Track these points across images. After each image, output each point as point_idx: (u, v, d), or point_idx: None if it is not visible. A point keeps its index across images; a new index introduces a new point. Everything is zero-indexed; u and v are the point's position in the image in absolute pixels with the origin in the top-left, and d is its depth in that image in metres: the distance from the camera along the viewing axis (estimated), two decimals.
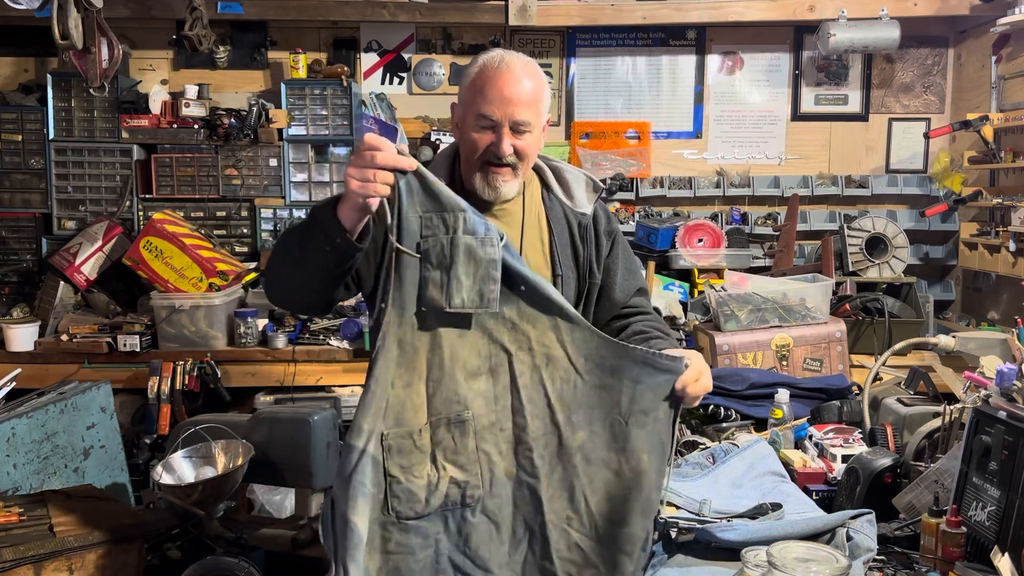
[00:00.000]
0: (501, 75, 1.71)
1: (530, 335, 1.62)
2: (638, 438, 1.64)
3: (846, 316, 3.75)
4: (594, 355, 1.64)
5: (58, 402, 3.14)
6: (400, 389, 1.58)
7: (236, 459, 2.81)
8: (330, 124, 4.38)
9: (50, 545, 2.32)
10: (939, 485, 1.87)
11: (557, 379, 1.63)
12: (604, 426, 1.64)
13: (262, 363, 3.90)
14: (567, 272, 1.84)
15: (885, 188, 4.64)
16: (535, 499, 1.62)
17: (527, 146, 1.75)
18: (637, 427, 1.64)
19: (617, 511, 1.64)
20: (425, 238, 1.56)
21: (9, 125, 4.32)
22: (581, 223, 1.87)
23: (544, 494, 1.62)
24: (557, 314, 1.63)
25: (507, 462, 1.62)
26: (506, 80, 1.70)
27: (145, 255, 3.95)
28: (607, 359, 1.64)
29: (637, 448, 1.64)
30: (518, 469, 1.62)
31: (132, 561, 2.45)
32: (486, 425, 1.60)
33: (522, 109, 1.71)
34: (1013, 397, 1.78)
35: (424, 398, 1.59)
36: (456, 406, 1.59)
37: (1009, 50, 4.20)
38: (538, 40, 4.73)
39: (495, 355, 1.61)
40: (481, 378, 1.61)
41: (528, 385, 1.61)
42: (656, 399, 1.64)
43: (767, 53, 4.74)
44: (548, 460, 1.62)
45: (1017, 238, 3.84)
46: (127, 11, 4.25)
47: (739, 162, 4.77)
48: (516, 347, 1.61)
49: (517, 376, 1.61)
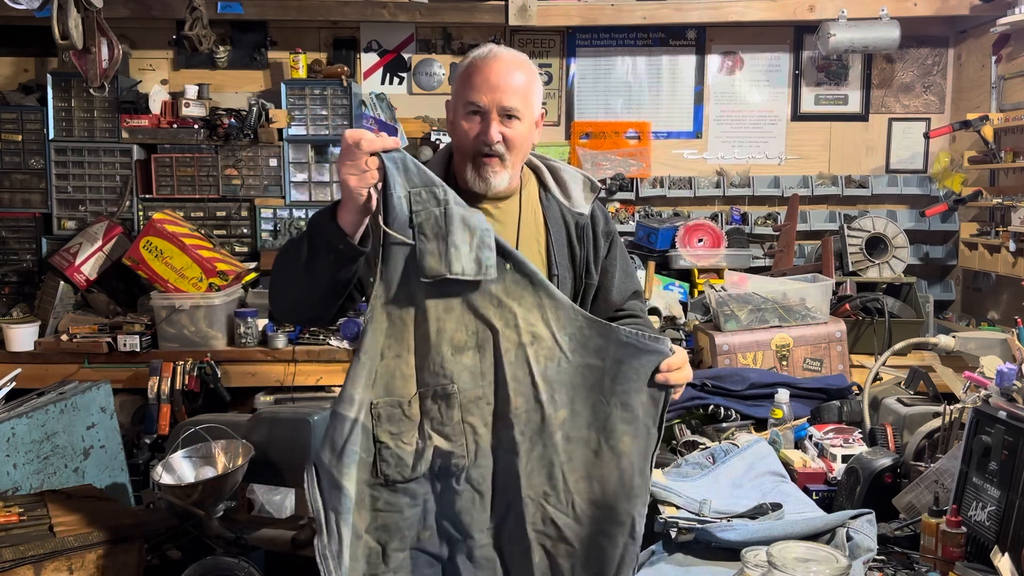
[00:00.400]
0: (489, 64, 1.74)
1: (516, 312, 1.63)
2: (620, 419, 1.66)
3: (846, 316, 3.75)
4: (578, 334, 1.66)
5: (58, 402, 3.14)
6: (390, 359, 1.61)
7: (236, 459, 2.81)
8: (330, 124, 4.38)
9: (50, 545, 2.32)
10: (939, 485, 1.88)
11: (542, 357, 1.64)
12: (586, 405, 1.66)
13: (262, 363, 3.90)
14: (563, 272, 1.84)
15: (885, 188, 4.64)
16: (514, 473, 1.65)
17: (516, 135, 1.74)
18: (619, 408, 1.66)
19: (596, 491, 1.67)
20: (416, 212, 1.57)
21: (9, 125, 4.32)
22: (579, 223, 1.87)
23: (523, 469, 1.64)
24: (542, 292, 1.65)
25: (491, 435, 1.65)
26: (493, 68, 1.73)
27: (145, 255, 3.95)
28: (591, 339, 1.66)
29: (618, 429, 1.66)
30: (500, 443, 1.65)
31: (132, 561, 2.45)
32: (472, 399, 1.63)
33: (510, 95, 1.72)
34: (1013, 397, 1.78)
35: (413, 369, 1.62)
36: (443, 379, 1.62)
37: (1009, 50, 4.20)
38: (538, 40, 4.74)
39: (481, 331, 1.63)
40: (468, 353, 1.63)
41: (513, 362, 1.63)
42: (639, 380, 1.65)
43: (767, 53, 4.74)
44: (529, 436, 1.64)
45: (1017, 238, 3.84)
46: (127, 11, 4.25)
47: (739, 162, 4.77)
48: (502, 324, 1.63)
49: (503, 353, 1.63)
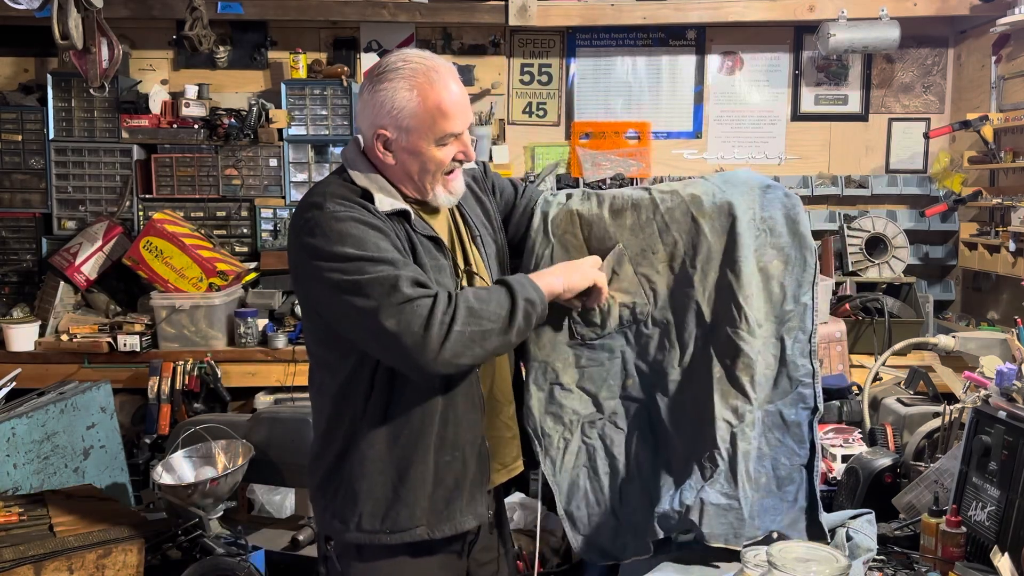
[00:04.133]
0: (445, 87, 1.68)
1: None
2: (768, 244, 1.83)
3: (846, 316, 3.75)
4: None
5: (58, 402, 3.14)
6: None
7: (236, 459, 2.81)
8: (330, 124, 4.38)
9: (50, 545, 2.32)
10: (939, 485, 1.88)
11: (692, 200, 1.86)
12: (744, 231, 1.83)
13: (262, 363, 3.90)
14: (483, 231, 1.90)
15: (885, 188, 4.63)
16: (694, 304, 1.81)
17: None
18: (767, 234, 1.84)
19: (760, 309, 1.80)
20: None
21: (9, 125, 4.32)
22: (475, 176, 1.94)
23: (701, 297, 1.80)
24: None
25: (665, 277, 1.85)
26: (450, 89, 1.69)
27: (145, 255, 3.95)
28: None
29: (767, 253, 1.83)
30: (676, 281, 1.83)
31: (132, 561, 2.45)
32: (637, 252, 1.85)
33: (470, 109, 1.75)
34: (1013, 397, 1.78)
35: (582, 240, 1.88)
36: (609, 242, 1.86)
37: (1009, 50, 4.20)
38: (538, 40, 4.74)
39: (635, 192, 1.89)
40: (625, 213, 1.86)
41: (671, 207, 1.84)
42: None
43: (767, 53, 4.74)
44: (700, 267, 1.81)
45: (1017, 238, 3.84)
46: (127, 11, 4.25)
47: (739, 162, 4.77)
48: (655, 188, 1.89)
49: (659, 203, 1.85)
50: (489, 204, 1.95)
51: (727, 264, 1.79)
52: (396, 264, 1.60)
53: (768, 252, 1.81)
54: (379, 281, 1.57)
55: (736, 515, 1.68)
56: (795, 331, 1.78)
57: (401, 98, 1.66)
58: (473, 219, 1.88)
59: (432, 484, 1.73)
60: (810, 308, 1.78)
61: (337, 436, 1.75)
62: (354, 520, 1.73)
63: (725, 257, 1.80)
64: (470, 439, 1.76)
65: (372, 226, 1.64)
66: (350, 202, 1.67)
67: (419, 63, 1.68)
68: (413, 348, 1.56)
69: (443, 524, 1.74)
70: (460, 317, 1.58)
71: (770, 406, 1.77)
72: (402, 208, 1.71)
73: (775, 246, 1.81)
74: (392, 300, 1.56)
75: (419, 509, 1.72)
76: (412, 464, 1.71)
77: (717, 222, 1.81)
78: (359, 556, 1.77)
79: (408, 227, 1.71)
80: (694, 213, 1.83)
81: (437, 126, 1.68)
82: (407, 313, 1.55)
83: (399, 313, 1.55)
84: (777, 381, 1.78)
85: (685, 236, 1.83)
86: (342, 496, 1.75)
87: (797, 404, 1.76)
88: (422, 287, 1.60)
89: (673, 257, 1.84)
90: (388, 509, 1.72)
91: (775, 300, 1.79)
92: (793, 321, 1.78)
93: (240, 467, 2.74)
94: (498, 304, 1.63)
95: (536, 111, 4.77)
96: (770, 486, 1.74)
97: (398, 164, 1.73)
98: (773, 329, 1.79)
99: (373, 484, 1.72)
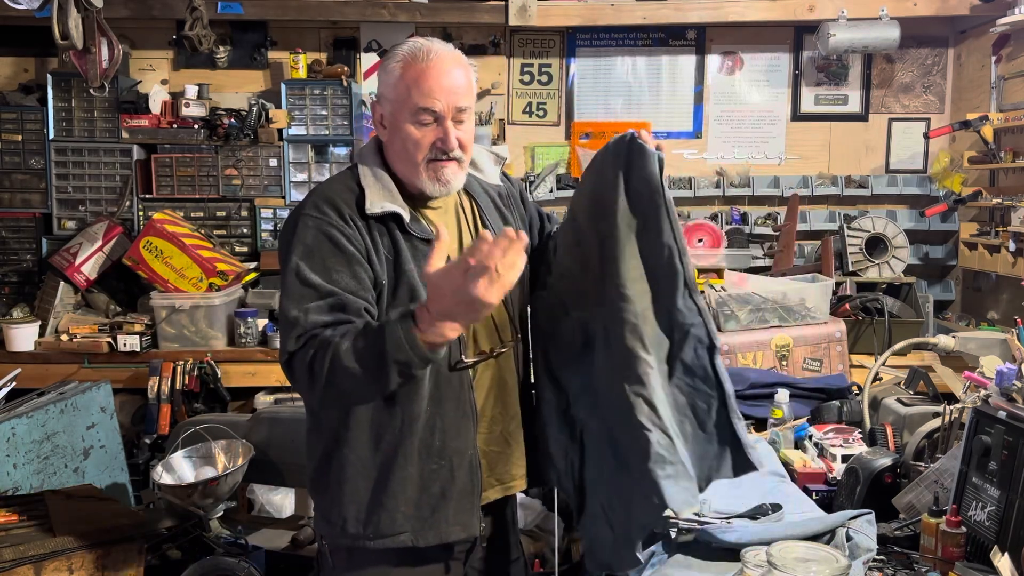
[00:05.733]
0: (433, 66, 1.68)
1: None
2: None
3: (846, 316, 3.75)
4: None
5: (58, 402, 3.14)
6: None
7: (236, 459, 2.81)
8: (330, 124, 4.38)
9: (50, 545, 2.32)
10: (939, 485, 1.88)
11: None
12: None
13: (262, 363, 3.90)
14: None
15: (885, 188, 4.64)
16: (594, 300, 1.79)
17: (468, 135, 1.74)
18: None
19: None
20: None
21: (9, 125, 4.32)
22: (500, 193, 1.92)
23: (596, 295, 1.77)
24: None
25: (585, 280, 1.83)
26: (440, 70, 1.68)
27: (145, 255, 3.95)
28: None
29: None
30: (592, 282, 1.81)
31: (132, 561, 2.45)
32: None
33: (461, 96, 1.70)
34: (1013, 397, 1.78)
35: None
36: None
37: (1009, 50, 4.20)
38: (538, 40, 4.74)
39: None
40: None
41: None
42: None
43: (767, 53, 4.74)
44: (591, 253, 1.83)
45: (1017, 238, 3.84)
46: (127, 11, 4.25)
47: (739, 162, 4.77)
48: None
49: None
50: (512, 220, 1.92)
51: (602, 237, 1.75)
52: (320, 292, 1.59)
53: (628, 217, 1.74)
54: (290, 317, 1.59)
55: (687, 476, 1.62)
56: (670, 276, 1.69)
57: (390, 69, 1.71)
58: (491, 223, 1.85)
59: (416, 491, 1.70)
60: (675, 248, 1.68)
61: (323, 436, 1.74)
62: (339, 523, 1.72)
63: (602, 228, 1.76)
64: (459, 448, 1.73)
65: (334, 241, 1.63)
66: (333, 208, 1.66)
67: (421, 43, 1.71)
68: (299, 390, 1.67)
69: (428, 532, 1.71)
70: (334, 373, 1.52)
71: (672, 359, 1.70)
72: (392, 211, 1.69)
73: (632, 211, 1.75)
74: (287, 337, 1.59)
75: (400, 515, 1.70)
76: (394, 469, 1.69)
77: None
78: (349, 559, 1.76)
79: (398, 230, 1.69)
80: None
81: (411, 99, 1.67)
82: (296, 359, 1.57)
83: (286, 352, 1.59)
84: (670, 333, 1.70)
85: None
86: (328, 498, 1.74)
87: (694, 346, 1.69)
88: (324, 327, 1.55)
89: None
90: (370, 514, 1.70)
91: (645, 255, 1.71)
92: (664, 268, 1.69)
93: (240, 467, 2.75)
94: (372, 359, 1.50)
95: (536, 111, 4.77)
96: (696, 433, 1.69)
97: (389, 142, 1.75)
98: (648, 286, 1.71)
99: (356, 487, 1.70)
